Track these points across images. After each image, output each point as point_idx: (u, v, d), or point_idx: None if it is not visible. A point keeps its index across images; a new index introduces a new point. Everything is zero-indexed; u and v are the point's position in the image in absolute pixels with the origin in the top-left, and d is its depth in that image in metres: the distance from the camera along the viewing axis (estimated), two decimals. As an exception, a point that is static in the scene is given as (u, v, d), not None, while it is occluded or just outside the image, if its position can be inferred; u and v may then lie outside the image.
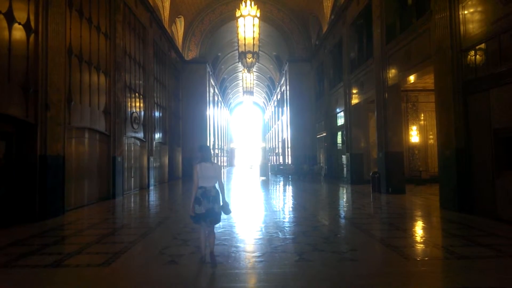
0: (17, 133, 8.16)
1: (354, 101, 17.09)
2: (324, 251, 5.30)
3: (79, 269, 4.62)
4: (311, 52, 25.83)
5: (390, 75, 13.01)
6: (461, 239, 5.99)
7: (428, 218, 8.49)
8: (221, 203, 4.77)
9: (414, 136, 17.08)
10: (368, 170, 16.42)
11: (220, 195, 4.79)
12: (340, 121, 20.08)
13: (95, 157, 11.83)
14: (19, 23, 7.96)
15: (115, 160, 12.83)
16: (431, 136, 17.08)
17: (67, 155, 9.62)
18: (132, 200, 12.69)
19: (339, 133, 20.55)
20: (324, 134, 23.12)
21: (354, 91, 17.10)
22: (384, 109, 13.26)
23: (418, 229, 7.29)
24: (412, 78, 12.02)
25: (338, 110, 20.17)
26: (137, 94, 16.01)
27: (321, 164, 24.62)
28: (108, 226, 7.85)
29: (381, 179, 13.15)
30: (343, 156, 19.31)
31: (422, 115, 17.28)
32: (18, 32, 7.96)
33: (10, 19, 7.68)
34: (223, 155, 44.46)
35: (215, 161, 6.46)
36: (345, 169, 18.90)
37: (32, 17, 8.36)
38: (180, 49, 25.23)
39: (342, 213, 9.36)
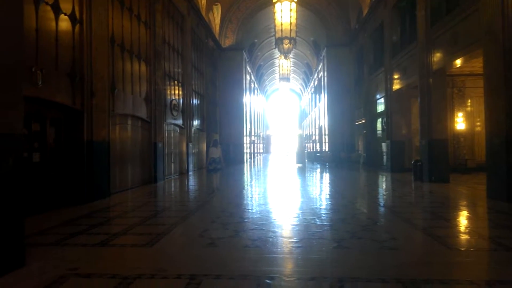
0: (65, 120, 8.60)
1: (396, 86, 16.45)
2: (363, 239, 5.20)
3: (125, 249, 4.86)
4: (350, 37, 25.04)
5: (434, 59, 12.37)
6: (511, 231, 5.66)
7: (474, 208, 8.09)
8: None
9: (459, 123, 16.23)
10: (410, 158, 15.85)
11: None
12: (380, 107, 19.46)
13: (137, 143, 12.28)
14: (65, 14, 8.30)
15: (156, 146, 13.25)
16: (478, 123, 16.15)
17: (112, 141, 10.04)
18: (172, 185, 13.09)
19: (379, 120, 19.93)
20: (363, 121, 22.52)
21: (396, 76, 16.45)
22: (428, 95, 12.67)
23: (463, 219, 6.97)
24: (458, 62, 11.36)
25: (378, 96, 19.53)
26: (176, 81, 16.34)
27: (360, 152, 24.07)
28: (150, 208, 8.16)
29: (424, 167, 12.66)
30: (383, 143, 18.75)
31: (469, 101, 16.34)
32: (64, 23, 8.30)
33: (57, 10, 8.02)
34: (259, 142, 44.61)
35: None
36: (385, 157, 18.38)
37: (77, 8, 8.68)
38: (217, 37, 25.34)
39: (382, 201, 9.13)
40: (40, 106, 7.75)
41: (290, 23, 18.82)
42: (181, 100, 17.04)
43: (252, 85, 34.74)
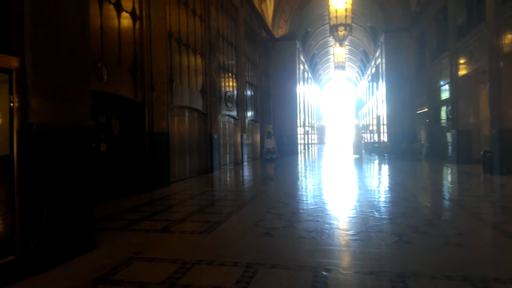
0: (128, 112, 9.09)
1: (462, 72, 15.23)
2: (426, 234, 4.91)
3: (184, 235, 5.05)
4: (410, 21, 23.56)
5: (505, 41, 11.24)
6: None
7: (556, 203, 7.29)
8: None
9: (537, 109, 14.65)
10: (478, 148, 14.67)
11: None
12: (445, 94, 18.17)
13: (194, 134, 12.69)
14: (126, 11, 8.72)
15: (212, 137, 13.59)
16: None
17: (170, 132, 10.47)
18: (227, 175, 13.37)
19: (443, 108, 18.65)
20: (426, 110, 21.21)
21: (462, 61, 15.21)
22: (499, 80, 11.59)
23: (543, 215, 6.31)
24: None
25: (442, 82, 18.24)
26: (230, 73, 16.57)
27: (422, 142, 22.76)
28: (207, 197, 8.41)
29: (494, 158, 11.65)
30: (447, 133, 17.53)
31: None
32: (126, 20, 8.73)
33: (119, 8, 8.45)
34: (313, 132, 43.99)
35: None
36: (450, 147, 17.18)
37: (137, 5, 9.08)
38: (270, 27, 25.22)
39: (447, 194, 8.56)
40: (106, 100, 8.26)
41: (346, 9, 18.16)
42: (235, 92, 17.27)
43: (306, 75, 34.21)
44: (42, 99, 3.72)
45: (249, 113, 19.83)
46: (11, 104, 3.42)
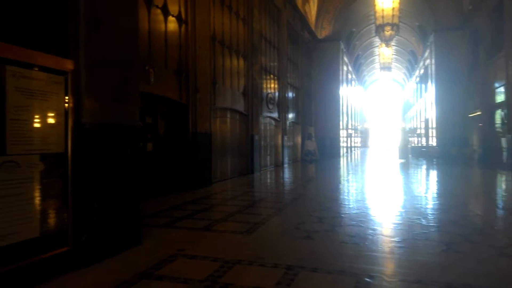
0: (172, 113, 9.38)
1: (520, 71, 14.22)
2: (478, 244, 4.61)
3: (225, 235, 5.11)
4: (462, 19, 22.33)
5: None
6: None
7: None
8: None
9: None
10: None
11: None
12: (500, 97, 17.03)
13: (235, 135, 12.84)
14: (173, 16, 9.00)
15: (253, 138, 13.68)
16: None
17: (213, 133, 10.66)
18: (268, 176, 13.38)
19: (498, 112, 17.49)
20: (479, 113, 20.00)
21: (521, 59, 14.21)
22: None
23: None
24: None
25: (496, 84, 17.12)
26: (272, 75, 16.60)
27: (474, 147, 21.48)
28: (248, 198, 8.46)
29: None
30: (502, 138, 16.42)
31: None
32: (172, 24, 9.01)
33: (166, 12, 8.74)
34: (356, 135, 42.96)
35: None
36: (504, 153, 16.06)
37: (182, 10, 9.35)
38: (313, 28, 24.97)
39: (501, 203, 8.01)
40: (153, 101, 8.58)
41: (393, 8, 17.61)
42: (277, 94, 17.27)
43: (349, 76, 33.52)
44: (95, 99, 3.93)
45: (290, 115, 19.75)
46: (66, 104, 3.63)
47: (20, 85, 3.19)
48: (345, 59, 29.87)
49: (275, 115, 17.00)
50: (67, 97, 3.64)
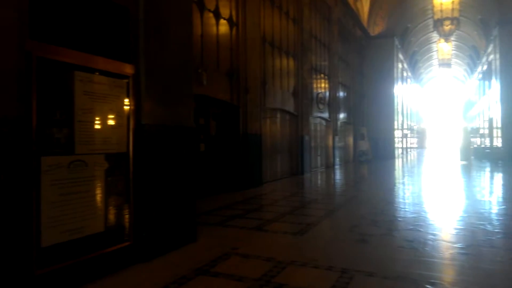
0: (223, 114, 9.57)
1: None
2: (554, 253, 4.19)
3: (277, 235, 5.10)
4: (533, 8, 20.47)
5: None
6: None
7: None
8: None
9: None
10: None
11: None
12: None
13: (285, 135, 12.81)
14: (224, 19, 9.19)
15: (303, 139, 13.56)
16: None
17: (263, 133, 10.71)
18: (319, 177, 13.18)
19: None
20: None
21: None
22: None
23: None
24: None
25: None
26: (322, 74, 16.35)
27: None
28: (298, 199, 8.39)
29: None
30: None
31: None
32: (223, 27, 9.20)
33: (217, 16, 8.94)
34: (413, 135, 40.99)
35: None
36: None
37: (233, 12, 9.51)
38: (365, 25, 24.23)
39: None
40: (205, 103, 8.81)
41: (452, 2, 16.67)
42: (327, 93, 16.97)
43: (404, 74, 32.10)
44: (153, 102, 4.11)
45: (341, 115, 19.30)
46: (128, 107, 3.84)
47: (87, 89, 3.42)
48: (400, 56, 28.64)
49: (326, 115, 16.72)
50: (128, 100, 3.84)
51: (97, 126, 3.53)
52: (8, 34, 2.73)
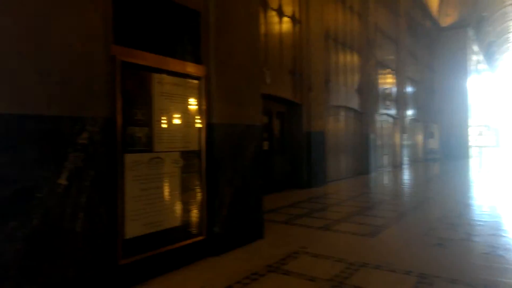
0: (286, 112, 9.53)
1: None
2: None
3: (346, 236, 4.96)
4: None
5: None
6: None
7: None
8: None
9: None
10: None
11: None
12: None
13: (349, 133, 12.44)
14: (287, 16, 9.13)
15: (368, 137, 13.07)
16: None
17: (326, 131, 10.50)
18: (385, 177, 12.61)
19: None
20: None
21: None
22: None
23: None
24: None
25: None
26: (388, 70, 15.62)
27: None
28: (366, 199, 8.09)
29: None
30: None
31: None
32: (286, 25, 9.15)
33: (280, 14, 8.92)
34: (490, 134, 37.56)
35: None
36: None
37: (296, 9, 9.42)
38: (435, 16, 22.70)
39: None
40: (269, 101, 8.84)
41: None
42: (394, 89, 16.17)
43: (479, 67, 29.55)
44: (223, 101, 4.21)
45: (410, 112, 18.28)
46: (200, 107, 3.97)
47: (163, 90, 3.60)
48: (474, 47, 26.41)
49: (393, 112, 15.93)
50: (200, 100, 3.98)
51: (173, 125, 3.70)
52: (97, 41, 2.96)
